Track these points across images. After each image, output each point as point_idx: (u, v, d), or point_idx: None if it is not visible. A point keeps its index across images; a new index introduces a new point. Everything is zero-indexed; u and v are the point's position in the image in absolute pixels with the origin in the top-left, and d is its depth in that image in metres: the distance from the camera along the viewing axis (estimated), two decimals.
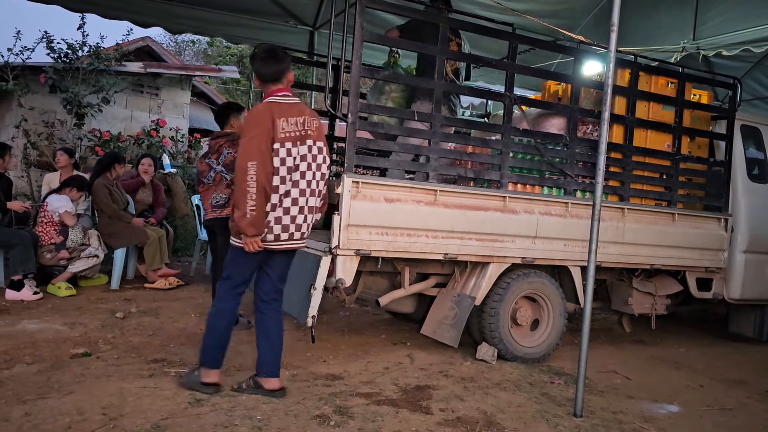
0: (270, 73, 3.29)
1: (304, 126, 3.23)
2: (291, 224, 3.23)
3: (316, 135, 3.29)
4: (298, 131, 3.21)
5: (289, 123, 3.18)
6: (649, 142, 4.96)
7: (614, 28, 3.26)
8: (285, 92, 3.29)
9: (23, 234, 5.47)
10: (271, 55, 3.32)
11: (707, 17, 5.90)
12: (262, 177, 3.05)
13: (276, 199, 3.17)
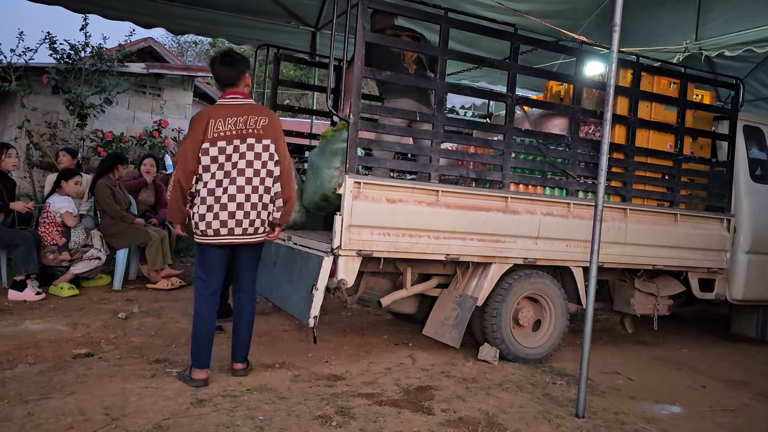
0: (224, 77, 3.49)
1: (246, 125, 3.38)
2: (229, 219, 3.37)
3: (262, 134, 3.41)
4: (236, 130, 3.36)
5: (226, 123, 3.36)
6: (652, 142, 4.96)
7: (616, 29, 3.25)
8: (235, 95, 3.47)
9: (26, 234, 5.48)
10: (227, 60, 3.50)
11: (710, 17, 5.90)
12: (179, 174, 3.38)
13: (207, 194, 3.36)
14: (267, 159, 3.42)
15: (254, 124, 3.41)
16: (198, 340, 3.46)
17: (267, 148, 3.42)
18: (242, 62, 3.52)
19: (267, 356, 4.14)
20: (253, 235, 3.45)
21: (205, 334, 3.47)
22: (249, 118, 3.41)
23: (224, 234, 3.39)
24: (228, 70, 3.48)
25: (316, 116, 7.30)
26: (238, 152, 3.36)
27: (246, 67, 3.53)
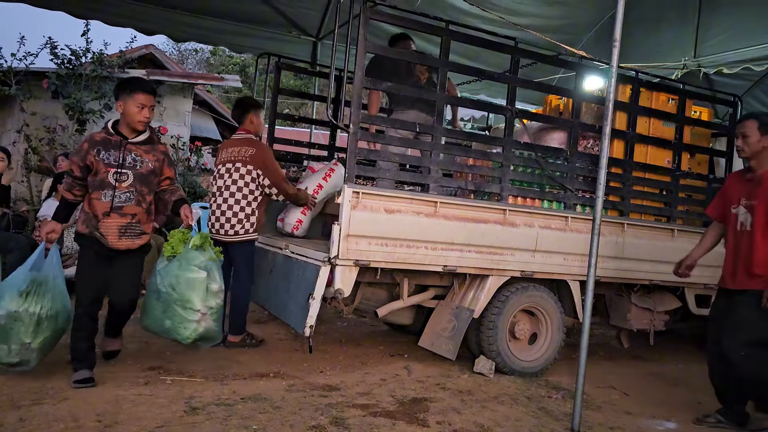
0: (234, 118, 4.87)
1: (238, 154, 4.50)
2: (215, 222, 4.51)
3: (248, 161, 4.46)
4: (230, 157, 4.53)
5: (226, 152, 4.59)
6: (650, 157, 4.98)
7: (616, 44, 3.27)
8: (241, 131, 4.68)
9: (20, 238, 5.45)
10: (236, 105, 4.89)
11: (708, 35, 5.94)
12: None
13: (212, 201, 4.58)
14: (248, 180, 4.45)
15: (244, 153, 4.49)
16: None
17: (249, 172, 4.46)
18: (247, 107, 4.71)
19: (262, 365, 4.12)
20: (225, 236, 4.43)
21: None
22: (241, 149, 4.52)
23: (214, 233, 4.42)
24: (235, 112, 4.79)
25: (316, 126, 7.31)
26: (228, 173, 4.49)
27: (249, 109, 4.69)
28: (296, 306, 3.98)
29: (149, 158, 3.62)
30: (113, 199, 3.49)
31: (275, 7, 6.67)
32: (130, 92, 3.52)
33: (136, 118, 3.54)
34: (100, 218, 3.48)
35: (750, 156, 3.74)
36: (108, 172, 3.48)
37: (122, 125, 3.59)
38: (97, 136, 3.56)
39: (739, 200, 3.79)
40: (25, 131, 7.78)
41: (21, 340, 3.28)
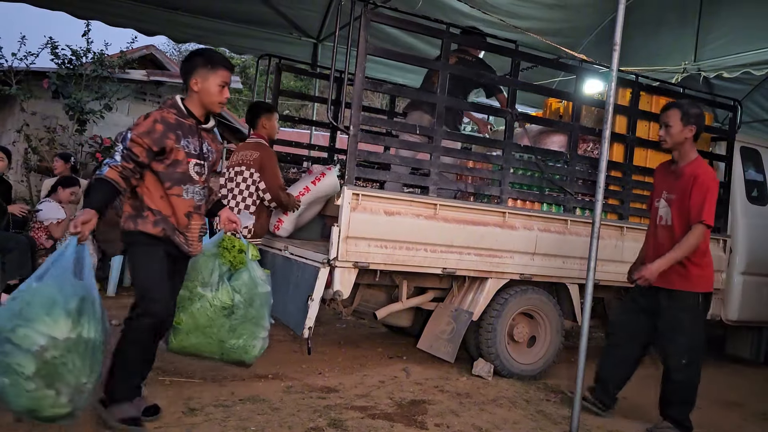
0: (247, 122, 4.91)
1: (244, 158, 4.54)
2: None
3: (249, 163, 4.50)
4: (238, 160, 4.57)
5: (236, 155, 4.63)
6: (649, 161, 4.98)
7: (616, 48, 3.27)
8: (253, 135, 4.72)
9: (20, 238, 5.44)
10: (249, 110, 4.90)
11: (708, 39, 5.95)
12: None
13: None
14: (250, 183, 4.48)
15: (250, 157, 4.52)
16: None
17: (252, 176, 4.48)
18: (259, 110, 4.74)
19: (260, 366, 4.11)
20: None
21: None
22: (248, 153, 4.55)
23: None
24: (248, 116, 4.85)
25: (316, 127, 7.32)
26: (235, 176, 4.53)
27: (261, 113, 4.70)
28: (295, 307, 3.98)
29: (214, 149, 3.10)
30: (194, 196, 2.95)
31: (276, 8, 6.68)
32: (213, 67, 2.90)
33: (216, 99, 2.94)
34: (182, 219, 2.92)
35: (672, 147, 3.62)
36: (189, 163, 2.90)
37: (194, 106, 2.95)
38: (168, 116, 2.87)
39: (662, 193, 3.70)
40: (25, 131, 7.78)
41: (76, 380, 2.45)
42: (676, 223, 3.56)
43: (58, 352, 2.37)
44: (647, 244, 3.84)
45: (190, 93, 2.94)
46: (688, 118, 3.52)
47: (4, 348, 2.34)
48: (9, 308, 2.42)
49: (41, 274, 2.50)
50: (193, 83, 2.90)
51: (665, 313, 3.59)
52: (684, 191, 3.52)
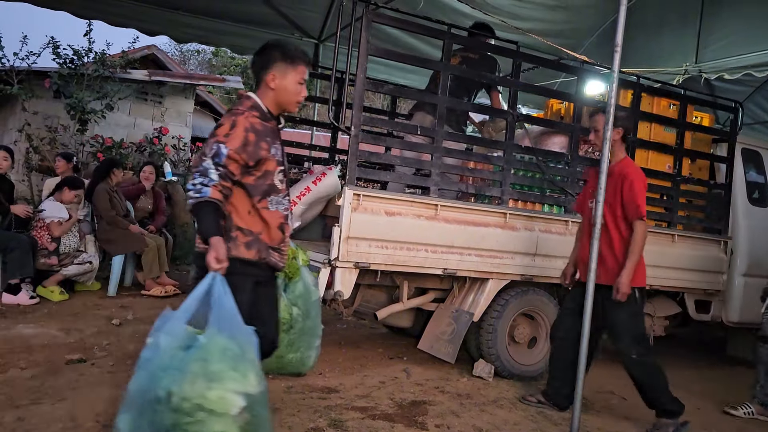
0: None
1: None
2: None
3: None
4: None
5: None
6: (651, 162, 4.98)
7: (618, 49, 3.27)
8: None
9: (22, 238, 5.45)
10: None
11: (710, 41, 5.95)
12: None
13: None
14: None
15: None
16: None
17: None
18: None
19: None
20: None
21: None
22: None
23: None
24: None
25: (317, 127, 7.32)
26: None
27: None
28: None
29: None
30: (279, 206, 2.60)
31: (277, 8, 6.69)
32: (293, 61, 2.59)
33: (294, 98, 2.64)
34: (276, 233, 2.59)
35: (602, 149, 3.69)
36: (274, 171, 2.58)
37: (270, 105, 2.61)
38: (254, 121, 2.50)
39: (594, 194, 3.70)
40: (27, 130, 7.78)
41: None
42: (609, 220, 3.65)
43: (255, 409, 2.14)
44: (581, 244, 3.86)
45: (265, 90, 2.60)
46: (615, 121, 3.55)
47: (197, 417, 2.04)
48: (180, 369, 2.09)
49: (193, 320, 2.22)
50: (270, 79, 2.58)
51: (606, 312, 3.68)
52: (615, 189, 3.63)
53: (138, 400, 2.10)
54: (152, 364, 2.13)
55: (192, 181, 2.35)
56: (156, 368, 2.11)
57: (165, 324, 2.24)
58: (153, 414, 2.04)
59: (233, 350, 2.12)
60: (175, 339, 2.14)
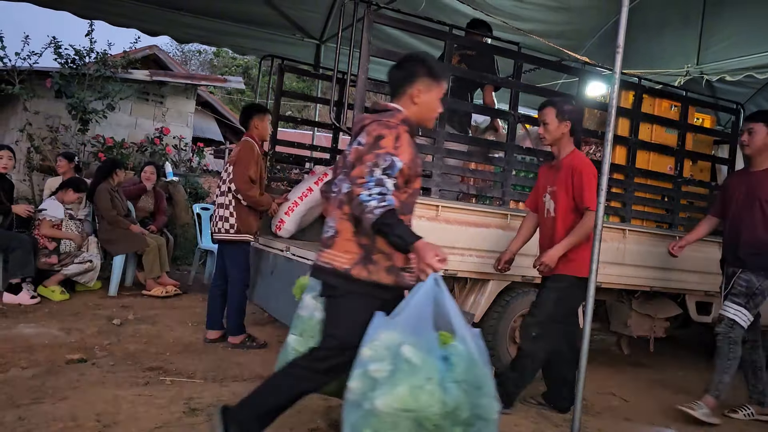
0: (241, 123, 4.80)
1: (231, 156, 4.58)
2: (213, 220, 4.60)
3: (231, 160, 4.54)
4: (228, 159, 4.67)
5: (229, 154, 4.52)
6: (652, 164, 4.98)
7: (619, 50, 3.27)
8: (245, 136, 4.62)
9: (23, 238, 5.46)
10: (242, 111, 4.84)
11: (711, 42, 5.94)
12: None
13: None
14: (227, 179, 4.49)
15: (234, 154, 4.58)
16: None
17: (229, 172, 4.49)
18: (251, 111, 4.67)
19: (261, 367, 4.11)
20: (217, 233, 4.53)
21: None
22: (234, 150, 4.66)
23: (212, 230, 4.63)
24: (241, 118, 4.78)
25: (318, 128, 7.32)
26: (224, 174, 4.58)
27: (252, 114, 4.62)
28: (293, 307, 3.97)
29: None
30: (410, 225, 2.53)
31: (279, 9, 6.68)
32: (438, 78, 2.55)
33: (434, 115, 2.62)
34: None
35: (551, 143, 3.72)
36: (419, 189, 2.63)
37: (412, 119, 2.54)
38: (408, 135, 2.47)
39: (546, 188, 3.77)
40: (28, 130, 7.79)
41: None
42: (559, 214, 3.64)
43: None
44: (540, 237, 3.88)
45: (407, 103, 2.52)
46: (563, 115, 3.62)
47: (476, 426, 2.10)
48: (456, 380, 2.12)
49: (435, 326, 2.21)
50: (415, 93, 2.51)
51: (540, 293, 3.72)
52: (566, 182, 3.62)
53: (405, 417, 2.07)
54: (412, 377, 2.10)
55: (367, 192, 2.24)
56: (421, 381, 2.10)
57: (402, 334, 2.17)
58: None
59: (476, 358, 2.21)
60: (431, 349, 2.16)
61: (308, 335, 2.72)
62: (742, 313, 3.86)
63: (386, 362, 2.15)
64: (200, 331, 4.81)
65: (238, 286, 4.52)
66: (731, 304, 3.91)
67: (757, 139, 3.89)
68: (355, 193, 2.28)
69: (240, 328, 4.55)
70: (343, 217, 2.43)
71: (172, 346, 4.43)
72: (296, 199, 4.94)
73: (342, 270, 2.39)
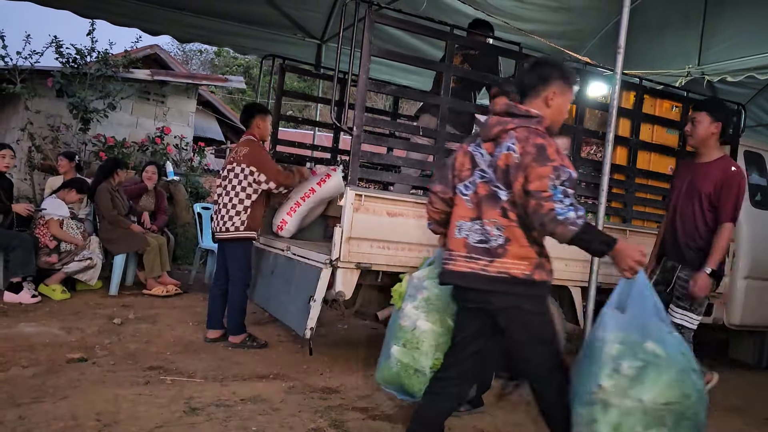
0: (242, 122, 4.88)
1: (236, 155, 4.58)
2: (215, 219, 4.64)
3: (240, 159, 4.52)
4: (231, 159, 4.63)
5: (230, 155, 4.69)
6: (653, 164, 4.98)
7: (620, 51, 3.28)
8: (245, 135, 4.71)
9: (24, 236, 5.46)
10: (244, 110, 4.90)
11: (712, 43, 5.94)
12: None
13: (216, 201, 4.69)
14: (242, 178, 4.49)
15: (241, 153, 4.55)
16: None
17: (243, 170, 4.49)
18: (253, 111, 4.74)
19: (262, 366, 4.12)
20: (220, 233, 4.53)
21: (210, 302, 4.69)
22: (239, 150, 4.60)
23: (212, 229, 4.69)
24: (242, 117, 4.84)
25: (319, 128, 7.32)
26: (229, 173, 4.57)
27: (255, 114, 4.70)
28: (297, 308, 3.98)
29: None
30: None
31: (280, 9, 6.69)
32: (570, 83, 2.57)
33: (562, 119, 2.64)
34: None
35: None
36: None
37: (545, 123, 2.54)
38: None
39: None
40: (29, 129, 7.79)
41: None
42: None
43: None
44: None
45: (540, 107, 2.53)
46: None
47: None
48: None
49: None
50: (550, 96, 2.53)
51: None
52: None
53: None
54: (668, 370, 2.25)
55: (561, 205, 2.26)
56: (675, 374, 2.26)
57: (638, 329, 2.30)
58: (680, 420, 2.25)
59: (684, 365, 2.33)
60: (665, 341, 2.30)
61: (412, 346, 2.73)
62: (688, 316, 3.66)
63: (635, 358, 2.24)
64: (201, 330, 4.81)
65: (240, 285, 4.52)
66: (677, 309, 3.68)
67: (700, 128, 3.58)
68: (546, 207, 2.26)
69: (241, 328, 4.55)
70: (512, 224, 2.40)
71: (173, 345, 4.43)
72: (299, 199, 4.93)
73: (523, 277, 2.39)
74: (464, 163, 2.60)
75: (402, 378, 2.75)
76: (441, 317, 2.74)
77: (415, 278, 2.88)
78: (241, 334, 4.54)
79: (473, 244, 2.46)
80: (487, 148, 2.52)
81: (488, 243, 2.43)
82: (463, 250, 2.49)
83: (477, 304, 2.51)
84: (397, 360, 2.75)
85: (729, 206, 3.41)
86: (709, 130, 3.52)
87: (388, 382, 2.86)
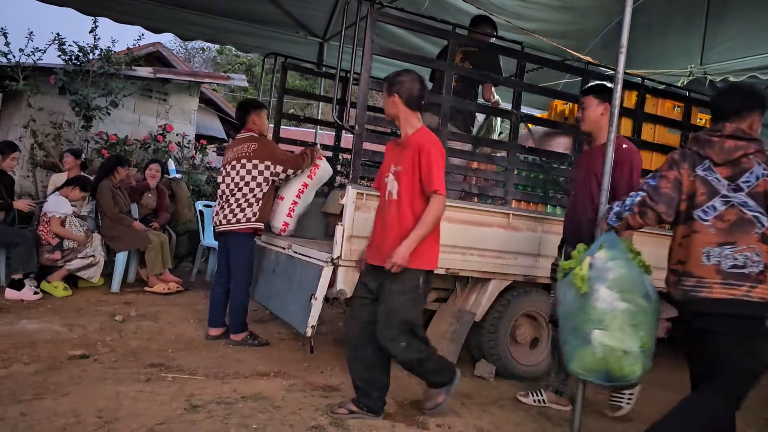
0: (237, 119, 4.84)
1: (240, 151, 4.56)
2: (216, 214, 4.63)
3: (249, 155, 4.52)
4: (234, 155, 4.57)
5: (231, 152, 4.64)
6: (654, 164, 4.97)
7: (623, 50, 3.27)
8: (244, 131, 4.70)
9: (26, 233, 5.47)
10: (238, 108, 4.91)
11: (715, 43, 5.94)
12: None
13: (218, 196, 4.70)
14: (256, 174, 4.50)
15: (248, 149, 4.54)
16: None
17: (256, 166, 4.50)
18: (248, 107, 4.73)
19: (262, 364, 4.13)
20: (227, 224, 4.51)
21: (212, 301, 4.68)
22: (245, 146, 4.57)
23: (216, 224, 4.61)
24: (238, 114, 4.83)
25: (321, 126, 7.33)
26: (234, 170, 4.53)
27: (250, 110, 4.68)
28: (298, 306, 3.99)
29: None
30: None
31: (282, 7, 6.69)
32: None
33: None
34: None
35: (392, 119, 3.36)
36: None
37: None
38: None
39: (390, 167, 3.31)
40: (32, 126, 7.81)
41: None
42: (403, 197, 3.19)
43: None
44: (375, 223, 3.41)
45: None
46: (391, 88, 3.26)
47: None
48: None
49: None
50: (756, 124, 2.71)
51: (386, 296, 3.21)
52: (413, 163, 3.17)
53: None
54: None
55: None
56: None
57: None
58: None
59: None
60: None
61: (615, 327, 2.71)
62: None
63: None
64: (202, 328, 4.82)
65: (242, 283, 4.53)
66: None
67: (589, 112, 3.59)
68: None
69: (242, 326, 4.56)
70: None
71: (174, 342, 4.44)
72: (294, 198, 4.93)
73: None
74: (697, 188, 2.63)
75: (609, 362, 2.72)
76: (632, 297, 2.75)
77: (597, 260, 2.83)
78: (242, 332, 4.55)
79: (727, 270, 2.53)
80: (721, 172, 2.60)
81: (745, 268, 2.51)
82: (716, 277, 2.55)
83: (723, 328, 2.57)
84: (602, 344, 2.70)
85: (622, 183, 3.46)
86: (597, 112, 3.63)
87: (590, 369, 2.77)
